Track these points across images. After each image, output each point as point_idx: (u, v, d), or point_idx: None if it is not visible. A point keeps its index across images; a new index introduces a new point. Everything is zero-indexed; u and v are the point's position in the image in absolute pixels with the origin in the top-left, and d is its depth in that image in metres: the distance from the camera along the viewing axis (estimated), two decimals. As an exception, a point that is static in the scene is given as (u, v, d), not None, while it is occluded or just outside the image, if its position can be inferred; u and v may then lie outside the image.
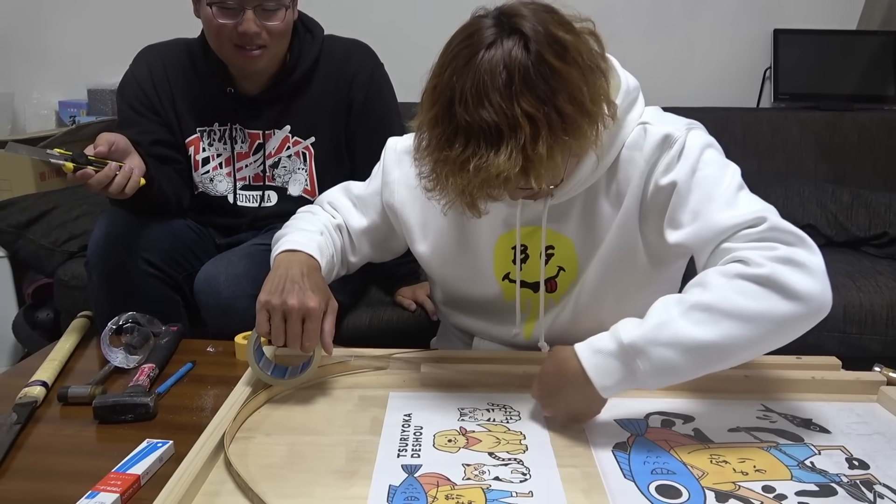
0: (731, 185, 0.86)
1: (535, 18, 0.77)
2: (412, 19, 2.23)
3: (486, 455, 0.79)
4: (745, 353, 0.79)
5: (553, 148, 0.75)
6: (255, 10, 1.23)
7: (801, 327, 0.79)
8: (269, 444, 0.82)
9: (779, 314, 0.76)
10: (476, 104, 0.74)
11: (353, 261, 1.11)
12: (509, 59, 0.74)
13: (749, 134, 2.20)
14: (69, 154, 1.07)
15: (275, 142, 1.40)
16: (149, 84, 1.38)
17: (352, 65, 1.39)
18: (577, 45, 0.77)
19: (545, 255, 0.99)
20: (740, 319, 0.76)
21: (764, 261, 0.77)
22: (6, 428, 0.84)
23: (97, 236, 1.28)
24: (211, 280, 1.22)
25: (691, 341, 0.76)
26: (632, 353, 0.77)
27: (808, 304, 0.77)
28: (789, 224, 0.82)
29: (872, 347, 1.58)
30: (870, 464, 0.79)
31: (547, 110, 0.74)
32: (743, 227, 0.82)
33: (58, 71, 2.49)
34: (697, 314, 0.77)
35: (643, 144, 0.89)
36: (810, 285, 0.77)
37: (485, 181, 0.74)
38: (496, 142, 0.74)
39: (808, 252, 0.80)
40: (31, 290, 2.03)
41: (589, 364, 0.80)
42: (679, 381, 0.81)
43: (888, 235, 1.87)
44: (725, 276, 0.78)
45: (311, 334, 0.89)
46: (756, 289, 0.76)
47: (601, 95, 0.79)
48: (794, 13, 2.35)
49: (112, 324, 1.05)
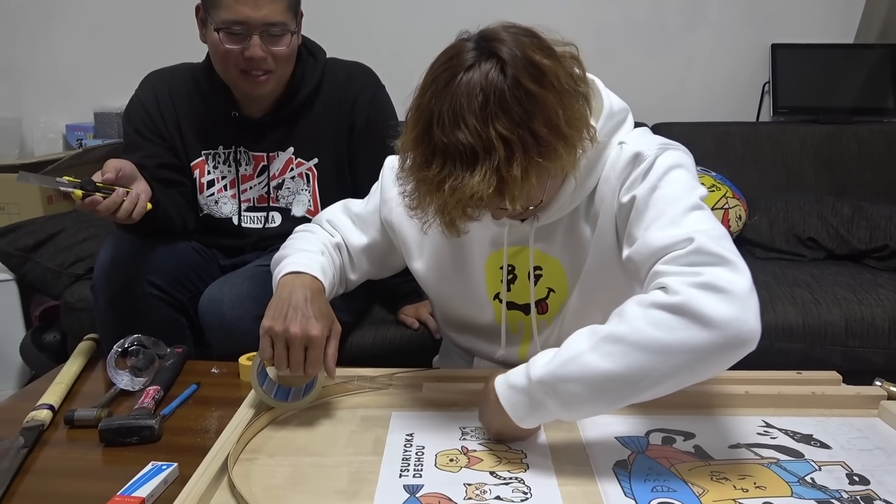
0: (685, 205, 0.82)
1: (513, 42, 0.78)
2: (412, 41, 2.26)
3: (487, 474, 0.80)
4: (660, 385, 0.75)
5: (528, 170, 0.75)
6: (262, 35, 1.25)
7: (721, 357, 0.73)
8: (272, 465, 0.83)
9: (691, 344, 0.72)
10: (452, 126, 0.75)
11: (353, 279, 1.12)
12: (485, 83, 0.75)
13: (749, 148, 2.22)
14: (78, 182, 1.10)
15: (279, 163, 1.42)
16: (154, 108, 1.40)
17: (354, 87, 1.41)
18: (554, 70, 0.78)
19: (534, 276, 0.99)
20: (650, 351, 0.73)
21: (681, 287, 0.74)
22: (14, 452, 0.85)
23: (103, 260, 1.29)
24: (215, 302, 1.23)
25: (598, 375, 0.74)
26: (540, 389, 0.78)
27: (722, 331, 0.71)
28: (719, 245, 0.77)
29: (875, 360, 1.57)
30: (870, 479, 0.79)
31: (521, 133, 0.75)
32: (673, 248, 0.79)
33: (65, 95, 2.52)
34: (608, 346, 0.75)
35: (617, 163, 0.90)
36: (724, 310, 0.71)
37: (460, 201, 0.76)
38: (471, 163, 0.75)
39: (730, 274, 0.74)
40: (38, 313, 2.05)
41: (504, 398, 0.81)
42: (596, 412, 0.81)
43: (889, 248, 1.87)
44: (642, 305, 0.76)
45: (313, 361, 0.90)
46: (669, 318, 0.73)
47: (579, 119, 0.80)
48: (792, 28, 2.37)
49: (117, 346, 1.06)
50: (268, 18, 1.24)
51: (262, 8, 1.23)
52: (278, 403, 0.94)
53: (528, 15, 1.60)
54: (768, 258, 1.99)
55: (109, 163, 1.16)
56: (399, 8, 2.39)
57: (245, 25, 1.24)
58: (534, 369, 0.79)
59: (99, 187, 1.12)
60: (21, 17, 2.48)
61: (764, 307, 1.70)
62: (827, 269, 1.84)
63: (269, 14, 1.24)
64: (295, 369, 0.90)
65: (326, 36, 1.49)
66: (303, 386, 0.96)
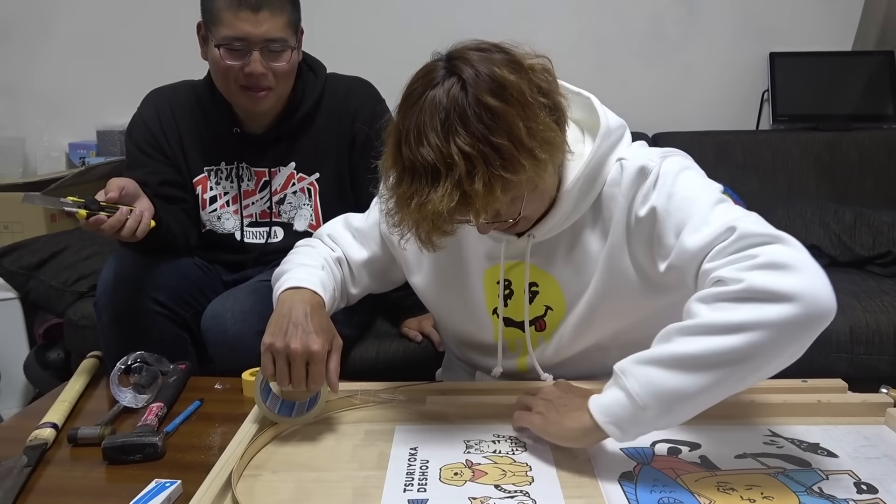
0: (707, 202, 0.84)
1: (478, 59, 0.79)
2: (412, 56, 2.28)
3: (492, 488, 0.79)
4: (748, 364, 0.73)
5: (491, 183, 0.76)
6: (262, 51, 1.26)
7: (803, 330, 0.72)
8: (275, 481, 0.82)
9: (771, 318, 0.71)
10: (417, 143, 0.78)
11: (354, 293, 1.12)
12: (447, 100, 0.77)
13: (749, 156, 2.22)
14: (81, 201, 1.10)
15: (280, 178, 1.43)
16: (156, 126, 1.41)
17: (354, 101, 1.42)
18: (517, 84, 0.79)
19: (529, 293, 0.99)
20: (727, 331, 0.72)
21: (740, 274, 0.74)
22: (17, 471, 0.85)
23: (106, 277, 1.30)
24: (218, 317, 1.23)
25: (675, 356, 0.74)
26: (619, 374, 0.78)
27: (800, 302, 0.71)
28: (761, 226, 0.79)
29: (881, 367, 1.57)
30: (878, 488, 0.78)
31: (482, 147, 0.76)
32: (715, 242, 0.79)
33: (67, 114, 2.54)
34: (682, 337, 0.75)
35: (621, 180, 0.90)
36: (794, 281, 0.72)
37: (426, 217, 0.78)
38: (434, 179, 0.77)
39: (787, 248, 0.75)
40: (42, 331, 2.05)
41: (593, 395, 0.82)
42: (687, 403, 0.76)
43: (892, 254, 1.87)
44: (705, 301, 0.76)
45: (315, 377, 0.89)
46: (738, 304, 0.73)
47: (545, 130, 0.80)
48: (790, 36, 2.38)
49: (121, 364, 1.07)
50: (268, 34, 1.25)
51: (263, 24, 1.24)
52: (282, 419, 0.94)
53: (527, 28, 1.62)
54: (771, 266, 1.98)
55: (112, 182, 1.17)
56: (398, 23, 2.41)
57: (245, 41, 1.25)
58: (617, 363, 0.79)
59: (103, 206, 1.13)
60: (23, 36, 2.51)
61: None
62: (830, 277, 1.81)
63: (270, 30, 1.25)
64: (297, 385, 0.89)
65: (326, 51, 1.50)
66: (306, 401, 0.96)
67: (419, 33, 2.36)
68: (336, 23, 2.38)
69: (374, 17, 2.43)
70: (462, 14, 2.39)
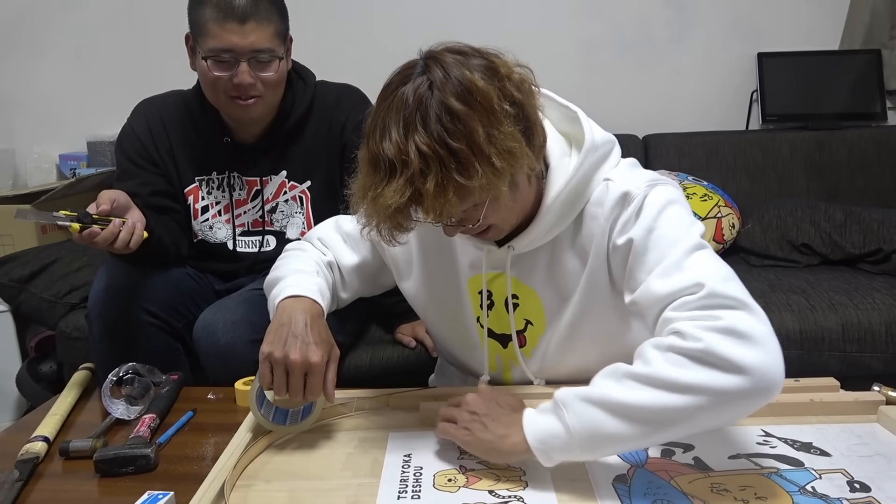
0: (685, 246, 0.82)
1: (453, 62, 0.79)
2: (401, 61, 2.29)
3: (486, 493, 0.79)
4: (680, 425, 0.74)
5: (445, 185, 0.76)
6: (250, 62, 1.26)
7: (748, 403, 0.73)
8: (269, 490, 0.82)
9: (718, 387, 0.71)
10: (381, 137, 0.79)
11: (344, 297, 1.11)
12: (413, 98, 0.78)
13: (740, 156, 2.23)
14: (74, 215, 1.10)
15: (272, 187, 1.42)
16: (147, 136, 1.40)
17: (344, 109, 1.42)
18: (486, 90, 0.78)
19: (510, 303, 0.99)
20: (675, 390, 0.72)
21: (700, 333, 0.73)
22: (8, 485, 0.84)
23: (97, 289, 1.29)
24: (209, 327, 1.23)
25: (620, 403, 0.74)
26: (560, 405, 0.78)
27: (752, 377, 0.71)
28: (732, 287, 0.77)
29: (873, 365, 1.57)
30: (871, 486, 0.79)
31: (438, 149, 0.76)
32: (680, 294, 0.78)
33: (57, 125, 2.53)
34: (631, 382, 0.75)
35: (604, 202, 0.89)
36: (751, 355, 0.71)
37: (378, 210, 0.79)
38: (391, 174, 0.77)
39: (751, 318, 0.74)
40: (34, 343, 2.04)
41: (526, 414, 0.82)
42: (614, 446, 0.78)
43: (883, 252, 1.87)
44: (660, 349, 0.75)
45: (313, 388, 0.89)
46: (692, 363, 0.72)
47: (508, 140, 0.78)
48: (777, 36, 2.39)
49: (112, 375, 1.06)
50: (255, 45, 1.24)
51: (250, 35, 1.23)
52: (277, 427, 0.93)
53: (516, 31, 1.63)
54: (763, 265, 1.99)
55: (103, 194, 1.16)
56: (388, 30, 2.41)
57: (233, 53, 1.24)
58: (558, 392, 0.79)
59: (95, 219, 1.12)
60: (11, 48, 2.50)
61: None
62: (822, 275, 1.85)
63: (257, 41, 1.24)
64: (294, 395, 0.89)
65: (316, 59, 1.50)
66: (301, 409, 0.96)
67: (408, 39, 2.35)
68: (325, 30, 2.39)
69: (363, 25, 2.43)
70: (450, 18, 2.40)
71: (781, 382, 0.73)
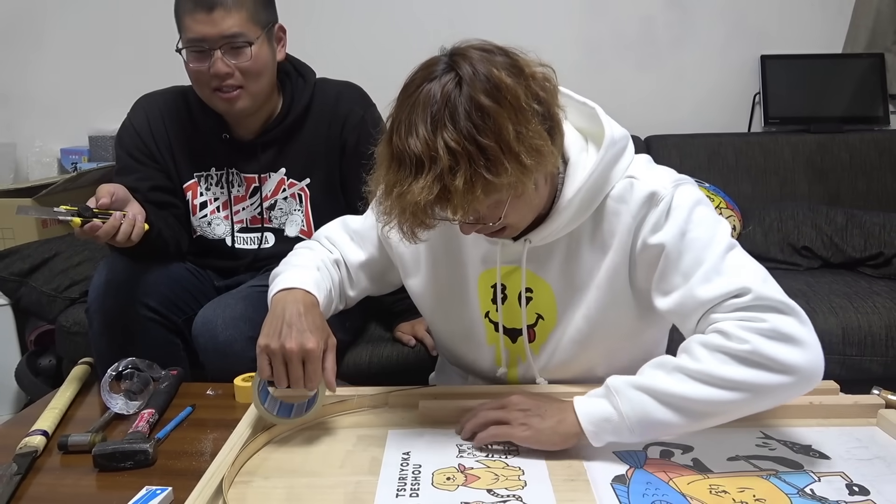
0: (720, 248, 0.86)
1: (479, 58, 0.79)
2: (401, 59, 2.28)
3: (484, 492, 0.79)
4: (726, 415, 0.82)
5: (473, 182, 0.76)
6: (223, 49, 1.25)
7: (790, 396, 0.82)
8: (267, 487, 0.82)
9: (768, 386, 0.79)
10: (407, 134, 0.78)
11: (352, 295, 1.11)
12: (441, 95, 0.77)
13: (741, 158, 2.23)
14: (75, 209, 1.10)
15: (271, 184, 1.42)
16: (146, 132, 1.40)
17: (344, 106, 1.41)
18: (513, 88, 0.78)
19: (524, 298, 0.99)
20: (724, 386, 0.79)
21: (747, 335, 0.79)
22: (6, 479, 0.84)
23: (97, 283, 1.29)
24: (209, 323, 1.22)
25: (671, 394, 0.80)
26: (613, 391, 0.83)
27: (798, 376, 0.79)
28: (777, 291, 0.83)
29: (873, 369, 1.57)
30: (870, 489, 0.79)
31: (467, 145, 0.76)
32: (725, 298, 0.83)
33: (59, 119, 2.53)
34: (681, 375, 0.81)
35: (629, 199, 0.90)
36: (798, 357, 0.78)
37: (405, 208, 0.78)
38: (418, 170, 0.77)
39: (796, 322, 0.81)
40: (33, 337, 2.04)
41: (578, 400, 0.86)
42: (660, 431, 0.84)
43: (884, 255, 1.87)
44: (708, 348, 0.81)
45: (312, 375, 0.89)
46: (739, 364, 0.79)
47: (535, 138, 0.79)
48: (780, 39, 2.39)
49: (112, 370, 1.06)
50: (226, 32, 1.24)
51: (220, 23, 1.23)
52: (281, 420, 0.93)
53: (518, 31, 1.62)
54: (764, 268, 1.99)
55: (102, 188, 1.16)
56: (390, 28, 2.41)
57: (205, 41, 1.24)
58: (610, 379, 0.85)
59: (96, 213, 1.12)
60: (14, 42, 2.50)
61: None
62: (822, 278, 1.84)
63: (228, 27, 1.24)
64: (295, 384, 0.89)
65: (315, 56, 1.49)
66: (305, 401, 0.96)
67: (410, 37, 2.37)
68: (325, 27, 2.38)
69: (363, 22, 2.43)
70: (453, 17, 2.39)
71: (821, 377, 0.81)
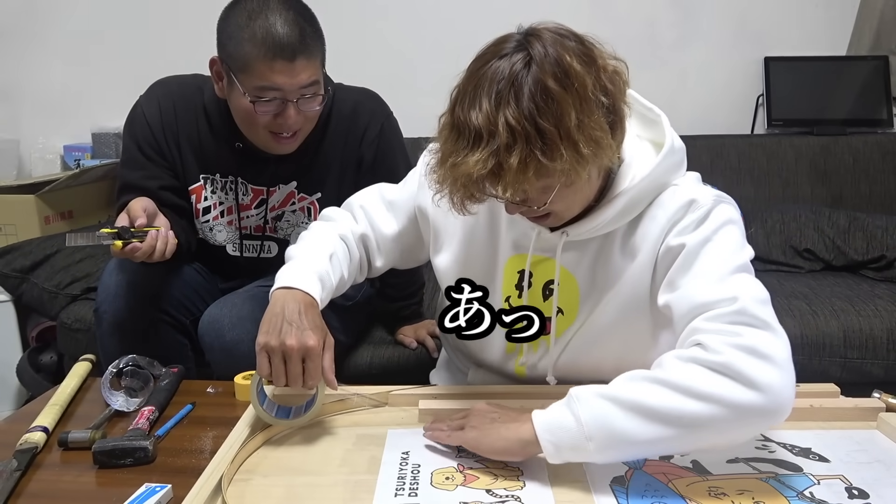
0: (734, 264, 0.84)
1: (551, 41, 0.80)
2: (416, 60, 2.28)
3: (483, 492, 0.79)
4: (693, 432, 0.75)
5: (527, 163, 0.76)
6: (298, 100, 1.18)
7: (757, 421, 0.76)
8: (266, 485, 0.82)
9: (734, 400, 0.74)
10: (470, 106, 0.78)
11: (379, 265, 1.11)
12: (509, 72, 0.77)
13: (744, 160, 2.23)
14: (115, 231, 1.10)
15: (279, 196, 1.37)
16: (157, 124, 1.33)
17: (361, 119, 1.36)
18: (582, 76, 0.78)
19: (547, 291, 0.98)
20: (689, 395, 0.74)
21: (723, 347, 0.76)
22: (6, 475, 0.84)
23: (108, 284, 1.28)
24: (215, 323, 1.22)
25: (633, 401, 0.76)
26: (574, 398, 0.79)
27: (767, 395, 0.73)
28: (763, 311, 0.80)
29: (874, 372, 1.57)
30: (870, 493, 0.78)
31: (527, 125, 0.76)
32: (715, 305, 0.80)
33: (62, 116, 2.53)
34: (646, 383, 0.77)
35: (668, 204, 0.90)
36: (769, 374, 0.74)
37: (457, 178, 0.79)
38: (475, 143, 0.77)
39: (774, 339, 0.78)
40: (34, 334, 2.04)
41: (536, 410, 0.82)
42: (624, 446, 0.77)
43: (886, 258, 1.87)
44: (681, 359, 0.78)
45: (312, 373, 0.89)
46: (712, 374, 0.75)
47: (595, 129, 0.78)
48: (784, 41, 2.38)
49: (112, 367, 1.06)
50: (304, 82, 1.16)
51: (300, 74, 1.15)
52: (279, 422, 0.93)
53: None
54: (765, 270, 1.99)
55: (135, 207, 1.15)
56: (388, 28, 2.39)
57: (281, 92, 1.16)
58: (573, 388, 0.81)
59: (134, 233, 1.12)
60: (17, 38, 2.50)
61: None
62: (824, 281, 1.84)
63: (307, 77, 1.16)
64: (294, 382, 0.89)
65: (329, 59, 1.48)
66: (304, 403, 0.96)
67: (409, 37, 2.36)
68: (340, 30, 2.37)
69: (378, 25, 2.41)
70: (453, 17, 2.38)
71: (791, 407, 0.75)
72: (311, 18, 1.19)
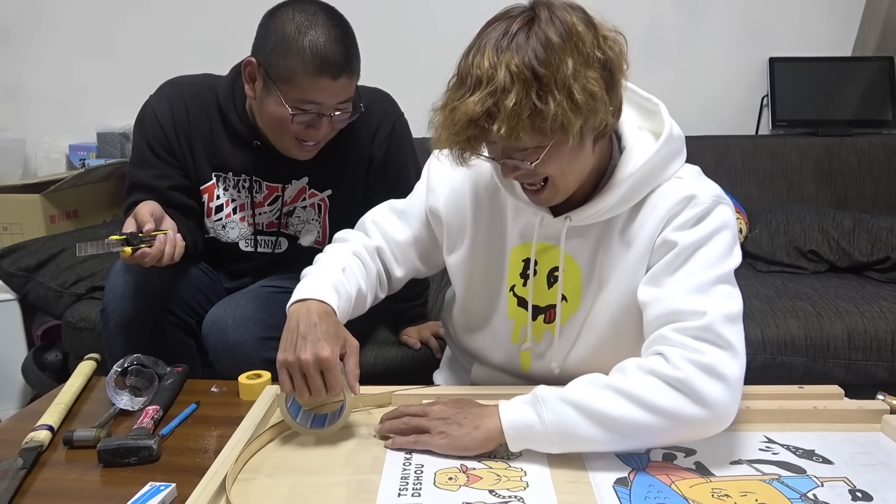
0: (718, 273, 0.87)
1: (560, 7, 0.83)
2: (419, 56, 2.28)
3: (486, 493, 0.79)
4: (642, 440, 0.85)
5: (522, 105, 0.79)
6: (332, 115, 1.22)
7: (702, 432, 0.84)
8: (270, 485, 0.82)
9: (683, 414, 0.81)
10: (474, 56, 0.82)
11: (399, 275, 1.12)
12: (516, 28, 0.81)
13: (749, 161, 2.22)
14: (124, 238, 1.11)
15: (292, 191, 1.38)
16: (169, 123, 1.33)
17: (374, 118, 1.37)
18: (584, 34, 0.81)
19: (551, 278, 1.00)
20: (647, 409, 0.81)
21: (682, 363, 0.81)
22: (12, 473, 0.85)
23: (115, 285, 1.28)
24: (219, 323, 1.22)
25: (596, 410, 0.82)
26: (539, 400, 0.85)
27: (714, 412, 0.81)
28: (729, 331, 0.84)
29: (879, 374, 1.56)
30: (873, 495, 0.78)
31: (525, 71, 0.79)
32: (686, 316, 0.85)
33: (68, 116, 2.54)
34: (610, 393, 0.83)
35: (669, 195, 0.91)
36: (719, 394, 0.81)
37: (455, 121, 0.81)
38: (476, 87, 0.81)
39: (730, 360, 0.82)
40: (40, 333, 2.05)
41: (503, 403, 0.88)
42: (579, 446, 0.85)
43: (891, 260, 1.87)
44: (643, 370, 0.84)
45: (333, 383, 0.89)
46: (667, 388, 0.81)
47: (591, 83, 0.81)
48: (789, 41, 2.38)
49: (117, 366, 1.06)
50: (341, 98, 1.21)
51: (341, 91, 1.20)
52: (319, 431, 0.94)
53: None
54: (770, 271, 1.98)
55: (143, 211, 1.16)
56: (385, 28, 2.39)
57: (320, 106, 1.20)
58: (538, 388, 0.87)
59: (143, 238, 1.13)
60: (23, 38, 2.51)
61: (766, 321, 1.70)
62: (829, 282, 1.84)
63: (346, 94, 1.21)
64: (316, 394, 0.89)
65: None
66: (337, 409, 0.95)
67: (409, 37, 2.36)
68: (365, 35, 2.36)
69: (382, 23, 2.42)
70: (469, 20, 2.37)
71: (732, 418, 0.83)
72: (353, 38, 1.22)
